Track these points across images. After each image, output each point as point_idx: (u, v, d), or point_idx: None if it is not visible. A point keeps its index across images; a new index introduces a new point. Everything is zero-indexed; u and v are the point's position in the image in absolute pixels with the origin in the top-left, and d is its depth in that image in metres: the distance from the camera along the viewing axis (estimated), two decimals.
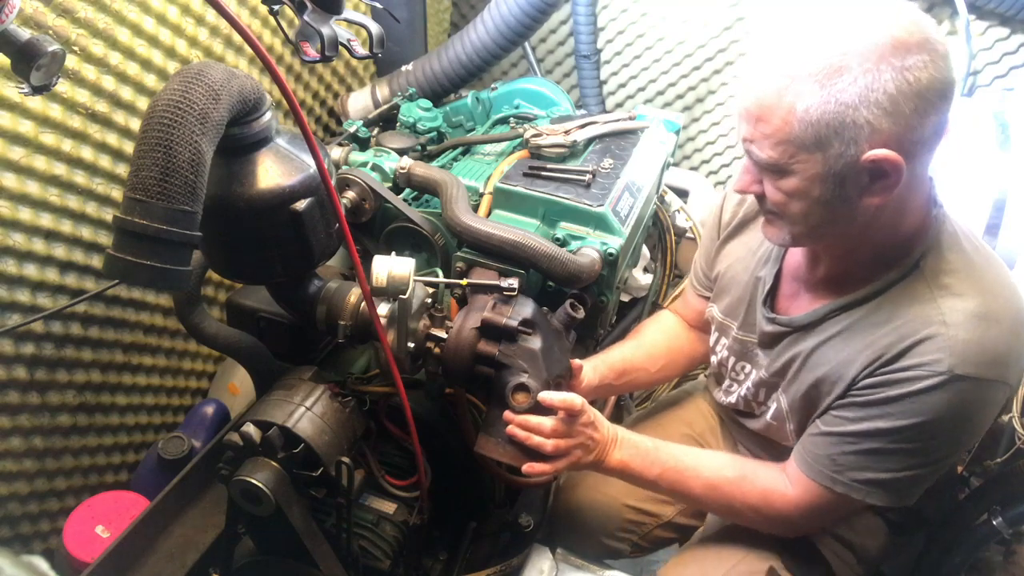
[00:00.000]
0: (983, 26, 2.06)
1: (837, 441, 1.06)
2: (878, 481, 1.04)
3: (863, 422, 1.02)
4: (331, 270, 1.36)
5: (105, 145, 1.40)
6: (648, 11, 2.30)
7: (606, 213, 1.27)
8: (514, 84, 1.81)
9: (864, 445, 1.03)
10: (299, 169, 0.97)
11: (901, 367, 0.98)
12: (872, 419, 1.02)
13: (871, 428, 1.02)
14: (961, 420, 0.99)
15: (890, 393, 0.99)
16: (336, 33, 1.01)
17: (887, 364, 1.00)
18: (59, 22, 1.23)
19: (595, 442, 1.12)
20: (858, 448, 1.04)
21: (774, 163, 0.94)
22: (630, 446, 1.16)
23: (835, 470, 1.06)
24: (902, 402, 0.98)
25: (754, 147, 0.95)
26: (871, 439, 1.02)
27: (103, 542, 1.34)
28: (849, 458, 1.05)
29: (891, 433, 1.00)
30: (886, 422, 1.00)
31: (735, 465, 1.19)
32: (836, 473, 1.06)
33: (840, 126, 0.87)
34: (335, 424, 1.07)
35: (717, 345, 1.33)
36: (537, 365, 1.07)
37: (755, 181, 1.01)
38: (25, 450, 1.43)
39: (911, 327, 0.98)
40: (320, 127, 2.10)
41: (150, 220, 0.76)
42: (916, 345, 0.97)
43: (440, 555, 1.37)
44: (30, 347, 1.37)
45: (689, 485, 1.16)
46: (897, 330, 0.99)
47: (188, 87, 0.80)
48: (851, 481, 1.05)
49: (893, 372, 0.99)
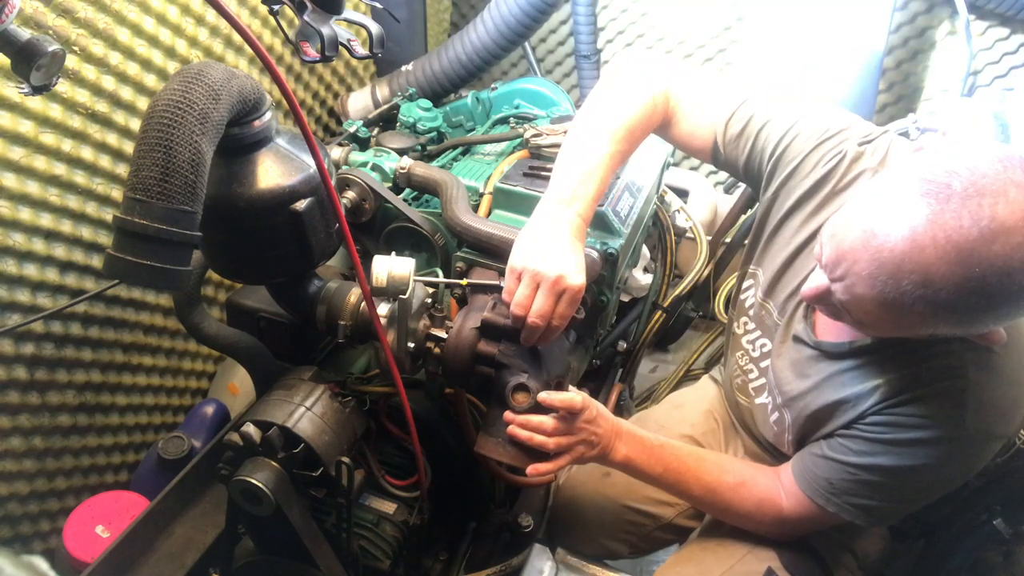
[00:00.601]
0: (983, 26, 2.06)
1: (838, 468, 1.06)
2: (870, 507, 1.06)
3: (867, 456, 1.03)
4: (331, 270, 1.36)
5: (105, 145, 1.40)
6: (648, 11, 2.30)
7: (606, 213, 1.27)
8: (514, 84, 1.81)
9: (864, 477, 1.04)
10: (299, 169, 0.97)
11: (916, 413, 0.97)
12: (876, 455, 1.02)
13: (873, 464, 1.02)
14: (962, 469, 1.02)
15: (899, 436, 0.99)
16: (336, 33, 1.01)
17: (901, 405, 0.99)
18: (59, 22, 1.23)
19: (598, 437, 1.11)
20: (857, 478, 1.05)
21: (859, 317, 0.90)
22: (636, 442, 1.15)
23: (831, 492, 1.07)
24: (911, 447, 0.98)
25: (839, 292, 0.88)
26: (871, 472, 1.03)
27: (103, 542, 1.34)
28: (846, 484, 1.06)
29: (892, 471, 1.01)
30: (889, 460, 1.01)
31: (736, 470, 1.19)
32: (832, 495, 1.07)
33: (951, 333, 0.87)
34: (335, 424, 1.07)
35: (750, 309, 1.26)
36: (537, 365, 1.07)
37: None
38: (25, 450, 1.43)
39: (934, 375, 0.97)
40: (320, 127, 2.10)
41: (150, 220, 0.76)
42: (936, 395, 0.96)
43: (440, 555, 1.37)
44: (30, 347, 1.37)
45: (689, 486, 1.17)
46: (919, 375, 0.98)
47: (188, 87, 0.80)
48: (844, 503, 1.07)
49: (907, 416, 0.98)
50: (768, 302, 1.21)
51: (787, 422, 1.17)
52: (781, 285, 1.18)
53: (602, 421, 1.12)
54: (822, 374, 1.09)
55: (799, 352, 1.14)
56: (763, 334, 1.24)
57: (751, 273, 1.26)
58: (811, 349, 1.11)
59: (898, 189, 0.82)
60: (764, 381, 1.24)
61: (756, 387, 1.27)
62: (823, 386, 1.08)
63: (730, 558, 1.22)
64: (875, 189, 0.86)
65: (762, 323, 1.23)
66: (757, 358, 1.26)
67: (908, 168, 0.83)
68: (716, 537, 1.30)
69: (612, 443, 1.14)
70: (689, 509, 1.45)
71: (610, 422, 1.14)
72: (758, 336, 1.25)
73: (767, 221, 1.17)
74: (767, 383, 1.22)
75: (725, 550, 1.24)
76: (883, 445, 1.01)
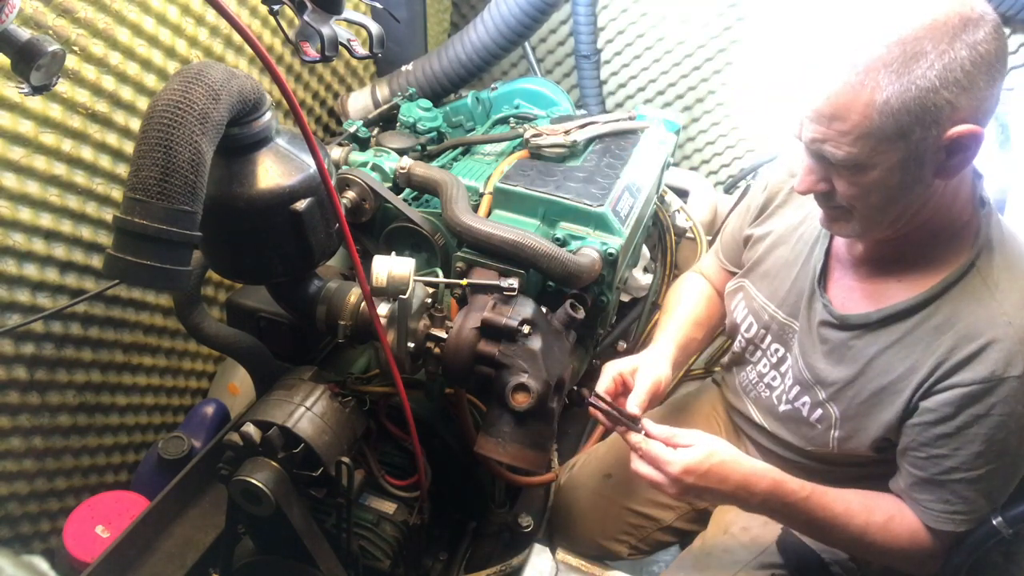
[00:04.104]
0: None
1: (945, 481, 1.04)
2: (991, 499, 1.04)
3: (960, 452, 1.01)
4: (331, 270, 1.36)
5: (105, 145, 1.40)
6: (648, 11, 2.30)
7: (606, 213, 1.27)
8: (514, 84, 1.81)
9: (971, 474, 1.02)
10: (299, 169, 0.97)
11: (976, 380, 0.97)
12: (968, 445, 1.00)
13: (970, 455, 1.01)
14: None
15: (973, 411, 0.98)
16: (336, 33, 1.01)
17: (955, 372, 0.99)
18: (59, 22, 1.23)
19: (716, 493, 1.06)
20: (967, 478, 1.02)
21: (853, 159, 0.92)
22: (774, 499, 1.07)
23: (953, 512, 1.05)
24: (989, 419, 0.98)
25: (828, 146, 0.93)
26: (974, 468, 1.01)
27: (103, 542, 1.34)
28: (962, 493, 1.03)
29: (989, 454, 1.00)
30: (981, 443, 0.99)
31: (881, 505, 1.11)
32: (956, 514, 1.05)
33: (921, 111, 0.87)
34: (335, 424, 1.07)
35: (744, 323, 1.30)
36: (537, 365, 1.07)
37: (822, 179, 1.00)
38: (25, 450, 1.43)
39: (975, 329, 0.98)
40: (320, 127, 2.10)
41: (150, 220, 0.76)
42: (984, 349, 0.97)
43: (440, 555, 1.37)
44: (30, 347, 1.37)
45: (837, 534, 1.09)
46: (960, 333, 0.98)
47: (188, 87, 0.80)
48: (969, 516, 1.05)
49: (968, 386, 0.98)
50: (778, 312, 1.22)
51: (834, 417, 1.14)
52: (776, 285, 1.21)
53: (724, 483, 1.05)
54: (864, 356, 1.08)
55: (830, 338, 1.13)
56: (774, 339, 1.24)
57: (751, 306, 1.28)
58: (840, 331, 1.11)
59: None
60: (792, 383, 1.22)
61: (781, 391, 1.25)
62: (870, 370, 1.08)
63: (733, 565, 1.22)
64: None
65: (768, 327, 1.24)
66: (775, 363, 1.26)
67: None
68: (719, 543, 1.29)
69: (742, 503, 1.08)
70: (690, 512, 1.45)
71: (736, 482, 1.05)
72: (770, 341, 1.26)
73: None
74: (800, 381, 1.20)
75: (728, 556, 1.24)
76: (966, 431, 0.99)
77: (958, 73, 0.85)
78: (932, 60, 0.85)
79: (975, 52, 0.85)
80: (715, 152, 2.49)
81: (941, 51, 0.85)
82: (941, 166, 0.92)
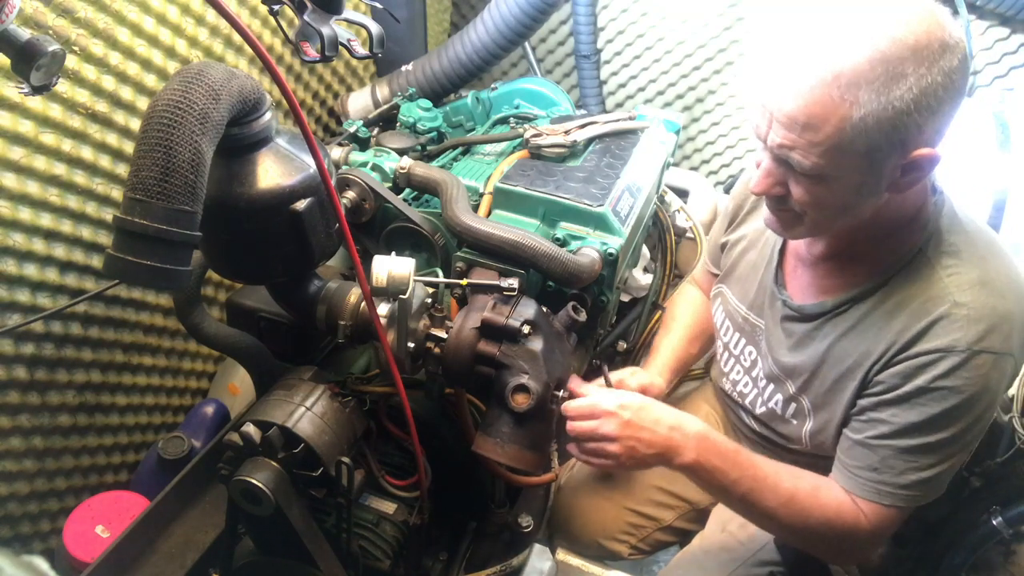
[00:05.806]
0: (983, 26, 2.06)
1: (874, 449, 1.05)
2: (923, 480, 1.04)
3: (895, 418, 1.02)
4: (331, 270, 1.36)
5: (105, 145, 1.40)
6: (648, 11, 2.30)
7: (606, 213, 1.27)
8: (514, 84, 1.81)
9: (901, 443, 1.03)
10: (299, 169, 0.97)
11: (922, 351, 0.99)
12: (903, 414, 1.02)
13: (904, 424, 1.02)
14: (983, 395, 1.00)
15: (918, 382, 1.00)
16: (336, 33, 1.01)
17: (905, 350, 1.00)
18: (59, 22, 1.23)
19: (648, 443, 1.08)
20: (897, 449, 1.03)
21: (819, 170, 0.92)
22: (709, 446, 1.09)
23: (879, 482, 1.05)
24: (931, 392, 0.99)
25: (795, 154, 0.92)
26: (907, 436, 1.02)
27: (103, 542, 1.34)
28: (890, 462, 1.04)
29: (925, 426, 1.01)
30: (918, 414, 1.01)
31: (809, 476, 1.12)
32: (881, 484, 1.05)
33: (892, 131, 0.87)
34: (335, 424, 1.07)
35: (723, 327, 1.34)
36: (538, 366, 1.07)
37: (779, 183, 1.00)
38: (25, 450, 1.43)
39: (923, 308, 1.00)
40: (320, 127, 2.10)
41: (150, 220, 0.76)
42: (932, 326, 0.98)
43: (440, 555, 1.37)
44: (30, 347, 1.37)
45: (764, 495, 1.09)
46: (910, 314, 1.00)
47: (188, 87, 0.80)
48: (897, 490, 1.05)
49: (915, 358, 1.00)
50: (748, 312, 1.26)
51: (807, 409, 1.16)
52: (744, 285, 1.26)
53: (658, 423, 1.08)
54: (824, 344, 1.10)
55: (794, 331, 1.16)
56: (748, 342, 1.27)
57: (726, 307, 1.33)
58: (802, 323, 1.14)
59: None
60: (766, 383, 1.24)
61: (755, 395, 1.28)
62: (830, 358, 1.10)
63: (732, 563, 1.22)
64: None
65: (742, 329, 1.27)
66: (748, 367, 1.28)
67: None
68: (718, 541, 1.29)
69: (676, 446, 1.09)
70: (690, 511, 1.45)
71: (669, 423, 1.09)
72: (744, 344, 1.28)
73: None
74: (771, 377, 1.22)
75: (726, 554, 1.24)
76: (907, 400, 1.01)
77: (931, 99, 0.86)
78: (911, 83, 0.85)
79: (948, 79, 0.86)
80: (715, 152, 2.49)
81: (920, 75, 0.85)
82: (895, 182, 0.94)
